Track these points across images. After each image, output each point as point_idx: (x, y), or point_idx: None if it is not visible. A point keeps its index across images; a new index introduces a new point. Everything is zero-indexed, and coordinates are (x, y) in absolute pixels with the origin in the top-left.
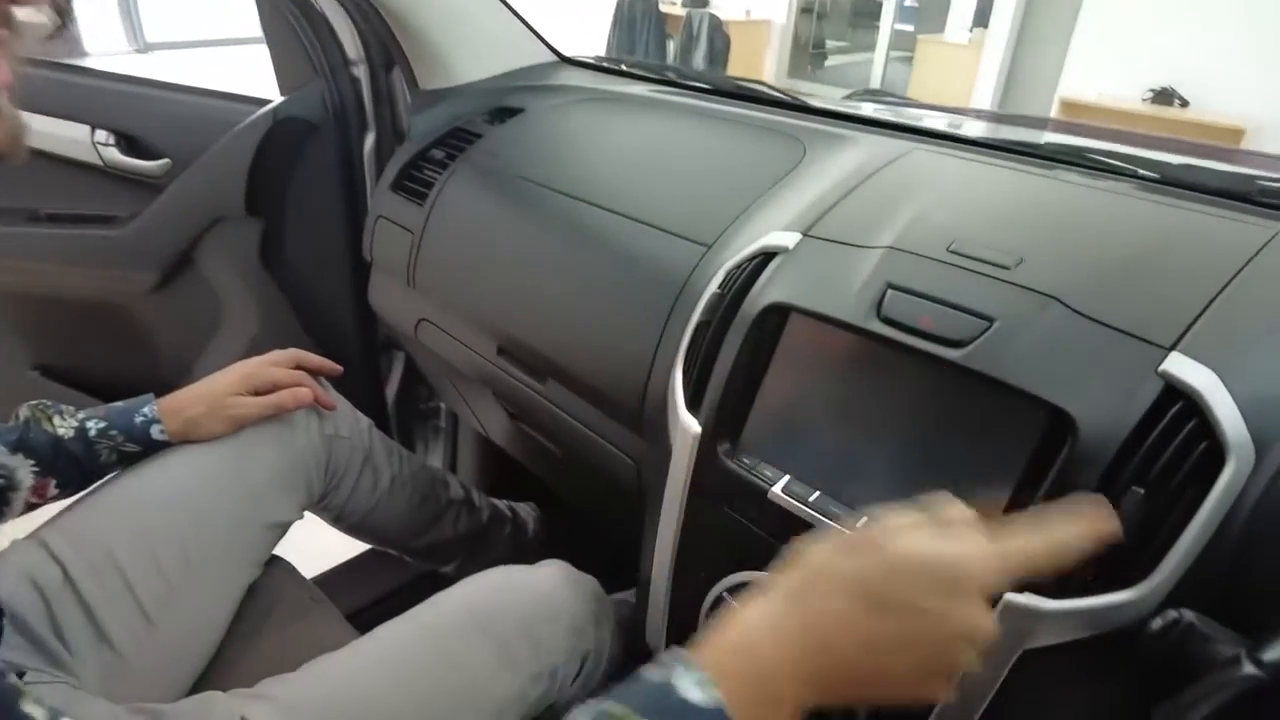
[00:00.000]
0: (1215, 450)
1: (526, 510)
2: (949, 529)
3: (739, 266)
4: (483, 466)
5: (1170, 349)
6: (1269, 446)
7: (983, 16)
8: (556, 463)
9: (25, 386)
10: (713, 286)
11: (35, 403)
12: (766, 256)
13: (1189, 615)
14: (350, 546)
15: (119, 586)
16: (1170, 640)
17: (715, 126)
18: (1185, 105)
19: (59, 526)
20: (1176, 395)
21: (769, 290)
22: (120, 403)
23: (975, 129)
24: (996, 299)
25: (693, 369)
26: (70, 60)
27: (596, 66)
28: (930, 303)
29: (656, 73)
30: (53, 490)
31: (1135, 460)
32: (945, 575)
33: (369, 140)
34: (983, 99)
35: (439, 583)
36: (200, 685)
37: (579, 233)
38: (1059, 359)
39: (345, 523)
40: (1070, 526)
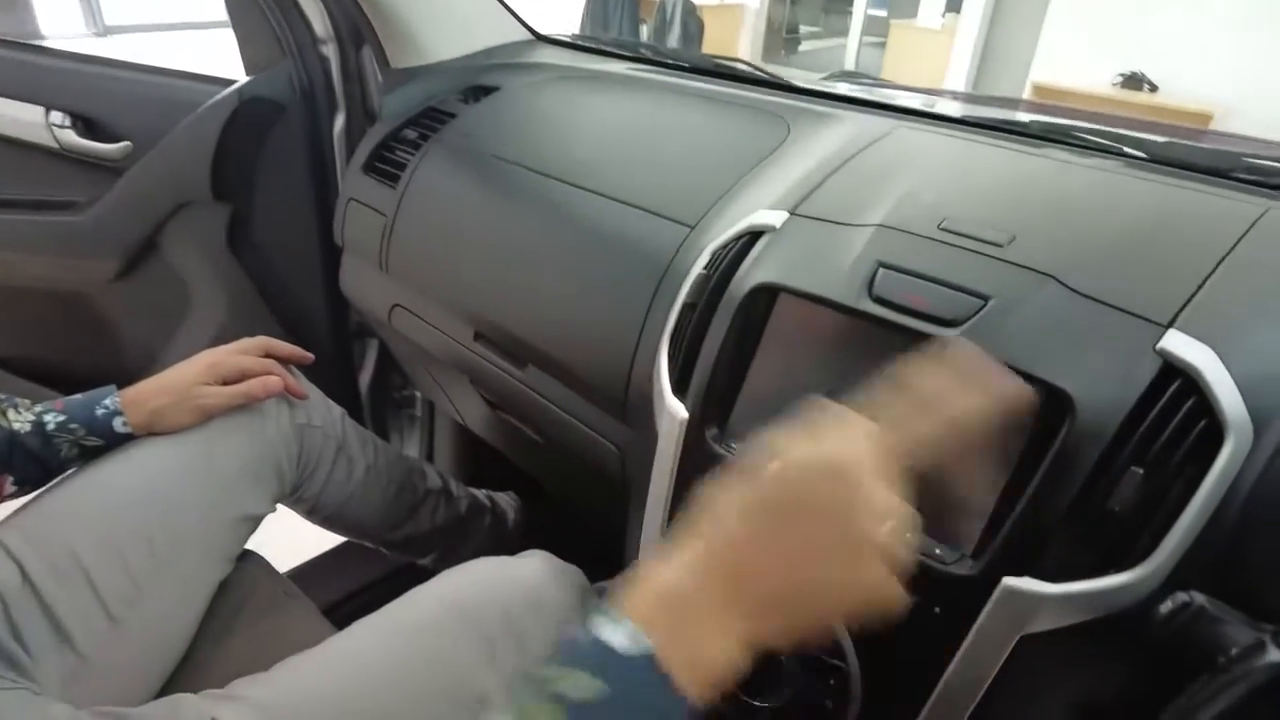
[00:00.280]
0: (1214, 429)
1: (506, 500)
2: (827, 428)
3: (725, 246)
4: (460, 456)
5: (1167, 327)
6: (1267, 424)
7: (955, 2)
8: (537, 451)
9: None
10: (698, 267)
11: None
12: (753, 236)
13: (1199, 598)
14: (325, 540)
15: (81, 586)
16: (1180, 624)
17: (696, 105)
18: (1154, 90)
19: (16, 525)
20: (1174, 373)
21: (756, 270)
22: (80, 395)
23: (956, 109)
24: (990, 277)
25: (678, 352)
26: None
27: (573, 44)
28: (923, 281)
29: (634, 51)
30: (9, 488)
31: (1134, 440)
32: (832, 466)
33: (339, 121)
34: (955, 84)
35: (417, 575)
36: (170, 686)
37: (558, 214)
38: (1056, 338)
39: (319, 515)
40: (966, 400)
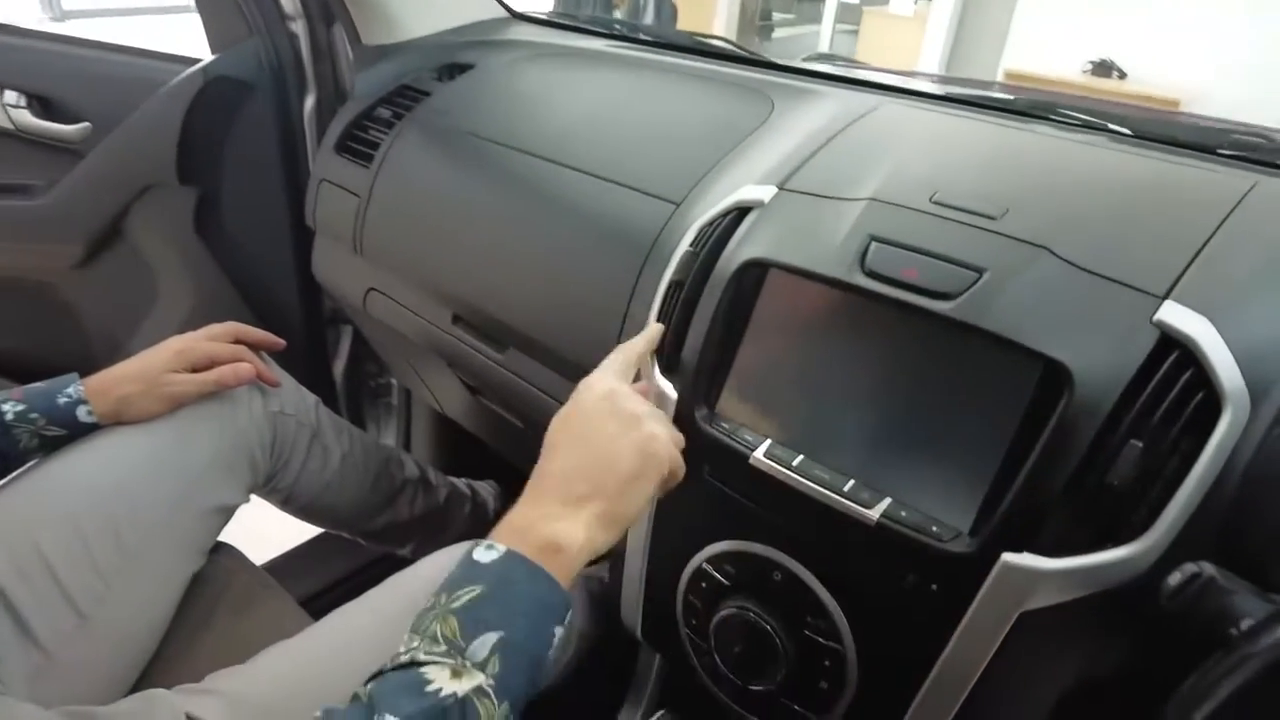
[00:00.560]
0: (1211, 401)
1: (487, 488)
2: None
3: (712, 223)
4: (439, 444)
5: (1163, 298)
6: (1263, 396)
7: None
8: (519, 436)
9: None
10: (685, 244)
11: None
12: (741, 212)
13: (1209, 568)
14: (301, 531)
15: (46, 582)
16: (1190, 595)
17: (677, 82)
18: (1123, 77)
19: None
20: (1172, 345)
21: (745, 246)
22: (40, 383)
23: (940, 88)
24: (985, 249)
25: (665, 331)
26: None
27: (549, 22)
28: (916, 254)
29: (612, 28)
30: None
31: (1133, 413)
32: (594, 390)
33: (309, 100)
34: (928, 71)
35: (396, 566)
36: (143, 683)
37: (539, 191)
38: (1052, 310)
39: (294, 505)
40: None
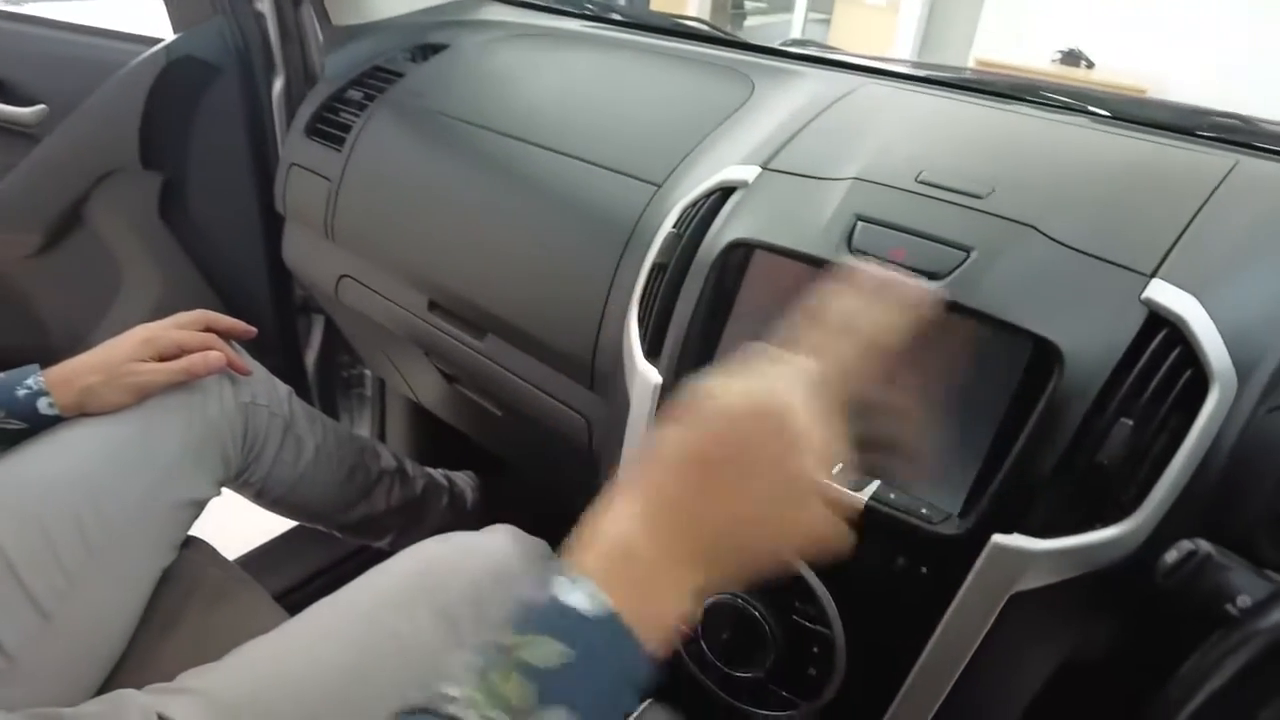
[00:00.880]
0: (1199, 379)
1: (464, 479)
2: (757, 368)
3: (695, 204)
4: (415, 435)
5: (1151, 276)
6: (1250, 373)
7: None
8: (497, 425)
9: None
10: (667, 226)
11: None
12: (724, 192)
13: (1206, 546)
14: (275, 524)
15: (7, 582)
16: (1186, 573)
17: (656, 62)
18: (1091, 66)
19: None
20: (1160, 323)
21: (730, 227)
22: None
23: (920, 70)
24: (972, 228)
25: (649, 315)
26: None
27: (525, 2)
28: (903, 234)
29: (588, 8)
30: None
31: (1122, 391)
32: (760, 404)
33: (278, 83)
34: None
35: (373, 559)
36: (112, 683)
37: (517, 174)
38: (1041, 289)
39: (268, 498)
40: (878, 315)
